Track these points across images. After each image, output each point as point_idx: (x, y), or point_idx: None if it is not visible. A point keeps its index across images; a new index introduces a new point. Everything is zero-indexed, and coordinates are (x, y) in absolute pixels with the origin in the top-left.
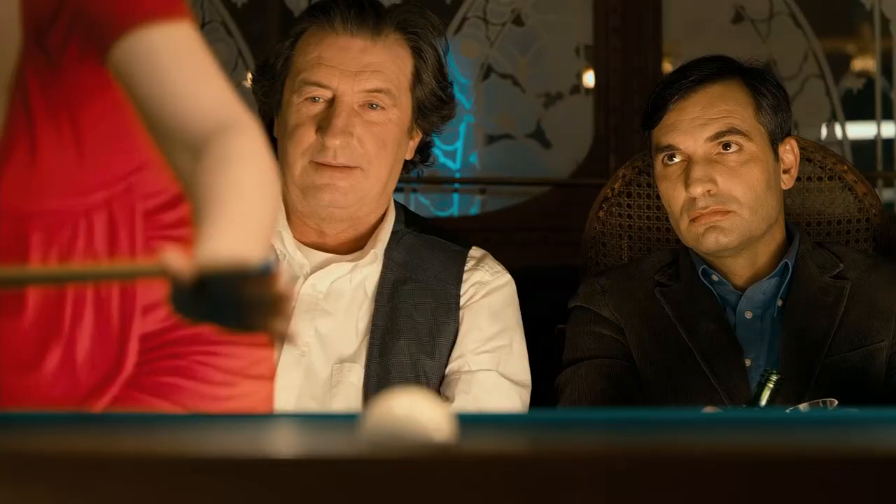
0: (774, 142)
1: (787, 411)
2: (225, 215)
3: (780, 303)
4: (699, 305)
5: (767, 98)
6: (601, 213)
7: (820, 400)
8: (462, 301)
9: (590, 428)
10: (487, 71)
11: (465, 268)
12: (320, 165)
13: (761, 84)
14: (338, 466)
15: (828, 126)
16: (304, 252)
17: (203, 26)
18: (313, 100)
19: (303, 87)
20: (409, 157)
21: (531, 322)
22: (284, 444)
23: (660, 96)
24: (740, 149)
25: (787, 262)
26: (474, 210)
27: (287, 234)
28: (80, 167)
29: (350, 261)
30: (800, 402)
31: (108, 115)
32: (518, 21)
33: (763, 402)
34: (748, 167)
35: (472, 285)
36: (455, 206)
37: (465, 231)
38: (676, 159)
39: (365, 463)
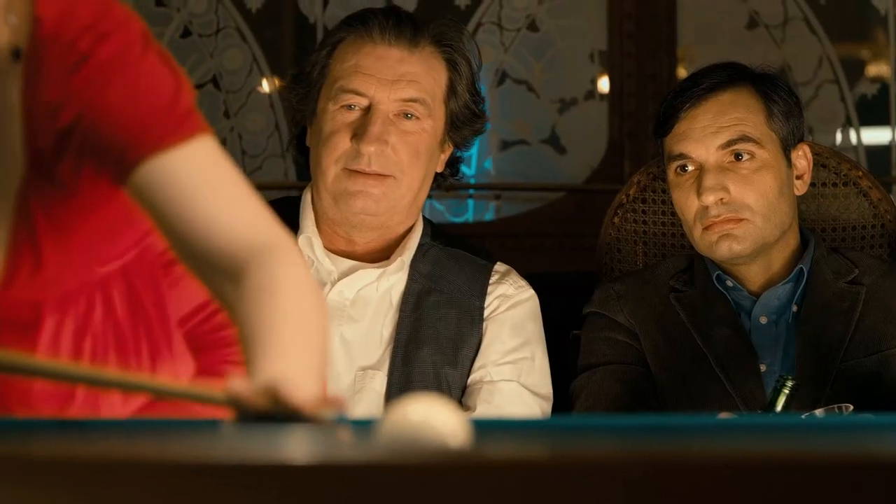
0: (787, 148)
1: (803, 417)
2: (278, 346)
3: (795, 308)
4: (714, 311)
5: (779, 104)
6: (616, 219)
7: (835, 406)
8: (486, 313)
9: (605, 434)
10: (502, 76)
11: (490, 281)
12: (354, 172)
13: (772, 90)
14: (354, 472)
15: (842, 132)
16: (331, 259)
17: (217, 32)
18: (349, 107)
19: (339, 94)
20: (439, 169)
21: (546, 328)
22: (300, 449)
23: (671, 105)
24: (752, 156)
25: (802, 268)
26: (489, 216)
27: (317, 241)
28: (88, 255)
29: (377, 268)
30: (815, 408)
31: (114, 209)
32: (533, 27)
33: (779, 407)
34: (760, 174)
35: (496, 298)
36: (470, 212)
37: (480, 237)
38: (689, 168)
39: (380, 468)
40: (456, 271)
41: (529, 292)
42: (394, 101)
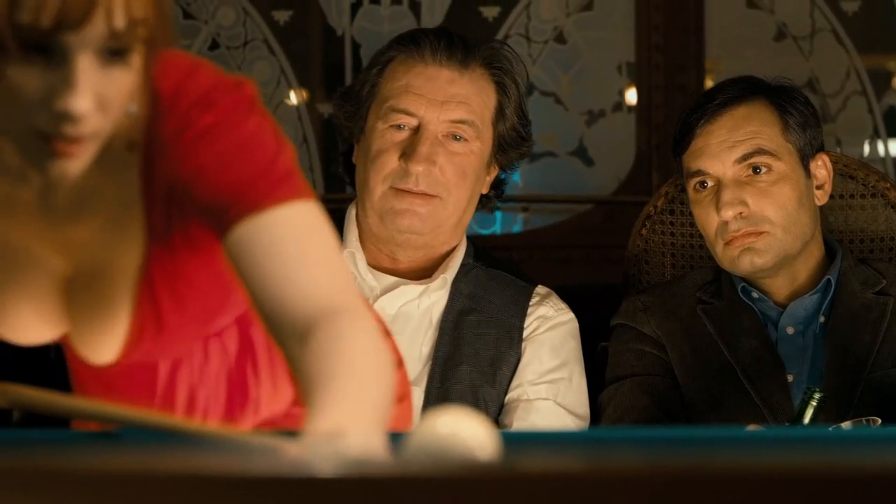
0: (805, 158)
1: (830, 429)
2: (335, 398)
3: (822, 319)
4: (741, 323)
5: (794, 116)
6: (644, 231)
7: (863, 418)
8: (525, 334)
9: (633, 446)
10: (530, 89)
11: (531, 303)
12: (401, 191)
13: (788, 102)
14: (383, 485)
15: (870, 143)
16: (374, 275)
17: (245, 44)
18: (398, 127)
19: (389, 113)
20: (484, 191)
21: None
22: (327, 461)
23: (686, 122)
24: (770, 169)
25: (829, 279)
26: (517, 228)
27: (360, 256)
28: (205, 313)
29: (419, 285)
30: (843, 420)
31: (220, 270)
32: (560, 39)
33: (806, 419)
34: (779, 187)
35: (536, 319)
36: (498, 223)
37: (508, 249)
38: (708, 184)
39: (409, 481)
40: (497, 292)
41: (569, 315)
42: (443, 122)
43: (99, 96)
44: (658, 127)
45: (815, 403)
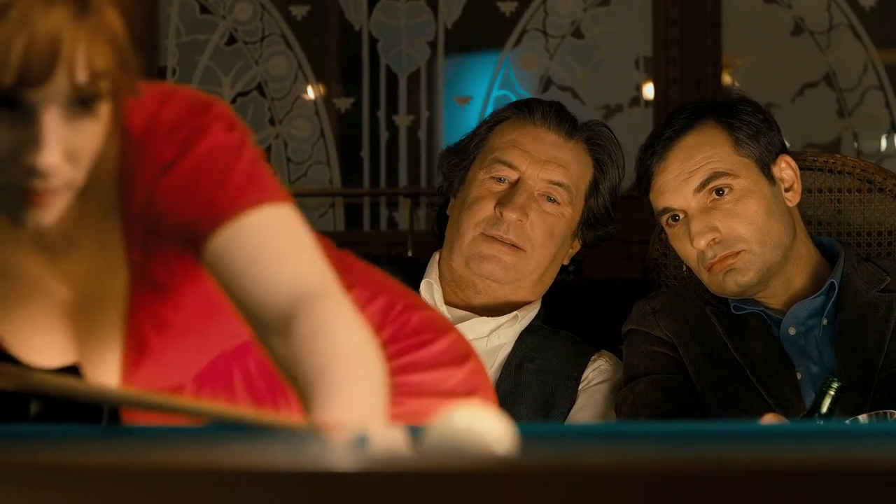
0: (765, 167)
1: (847, 422)
2: (333, 393)
3: (824, 322)
4: (746, 325)
5: (743, 129)
6: (663, 235)
7: (880, 411)
8: (581, 385)
9: (649, 440)
10: (547, 83)
11: (590, 358)
12: (490, 238)
13: (734, 117)
14: (400, 479)
15: (887, 138)
16: (447, 309)
17: (262, 39)
18: (499, 180)
19: (493, 164)
20: (565, 262)
21: (595, 334)
22: (345, 457)
23: (642, 163)
24: (730, 188)
25: (832, 282)
26: None
27: (437, 288)
28: (200, 338)
29: (491, 319)
30: (859, 413)
31: (212, 293)
32: (577, 33)
33: (824, 409)
34: (743, 203)
35: (593, 370)
36: None
37: None
38: (679, 217)
39: (426, 475)
40: (559, 348)
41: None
42: (542, 180)
43: (67, 149)
44: None
45: (832, 393)
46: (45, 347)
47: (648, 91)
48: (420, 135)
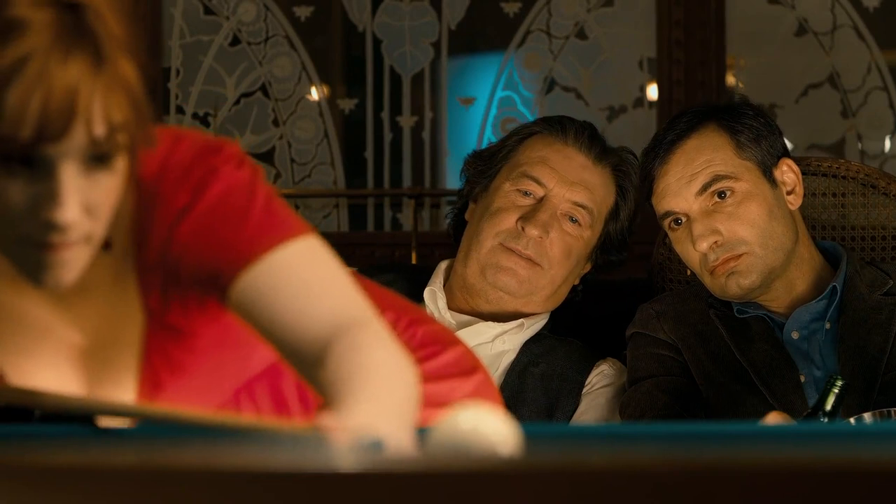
0: (767, 170)
1: (852, 421)
2: (358, 398)
3: (827, 325)
4: (751, 328)
5: (745, 132)
6: (668, 240)
7: (885, 409)
8: (585, 389)
9: (652, 440)
10: (551, 84)
11: (595, 363)
12: (508, 250)
13: (736, 120)
14: (403, 480)
15: (891, 138)
16: (452, 314)
17: (266, 40)
18: (525, 193)
19: (521, 178)
20: (575, 282)
21: (599, 332)
22: (348, 457)
23: (644, 168)
24: (732, 191)
25: (835, 286)
26: None
27: (441, 296)
28: (214, 377)
29: (496, 324)
30: (863, 411)
31: (227, 332)
32: (581, 34)
33: (828, 406)
34: (745, 206)
35: (597, 375)
36: None
37: None
38: (681, 221)
39: (430, 476)
40: (564, 354)
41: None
42: (567, 200)
43: (86, 203)
44: None
45: (836, 391)
46: (54, 388)
47: (652, 92)
48: (424, 135)
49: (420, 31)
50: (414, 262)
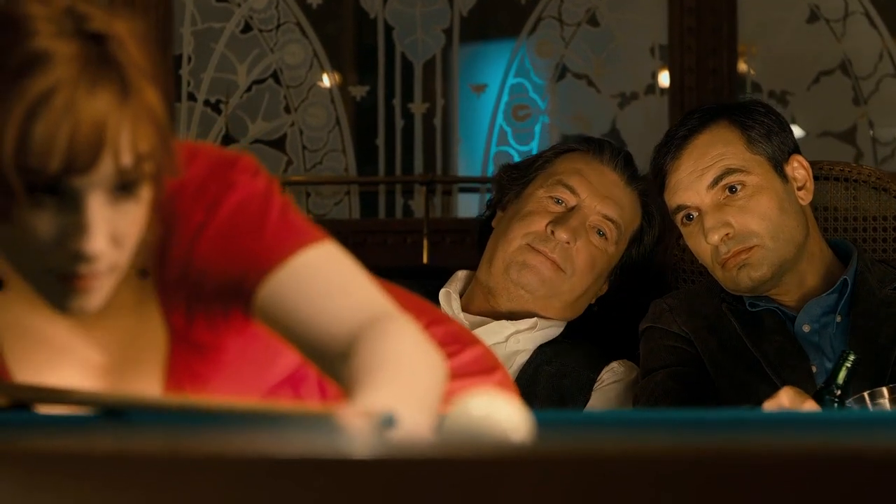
0: (778, 165)
1: (867, 394)
2: (380, 382)
3: (838, 318)
4: (763, 321)
5: (756, 128)
6: (682, 241)
7: None
8: (595, 385)
9: (665, 428)
10: (562, 71)
11: (607, 363)
12: (535, 251)
13: (747, 116)
14: (416, 466)
15: None
16: (465, 316)
17: (278, 27)
18: (557, 201)
19: (555, 186)
20: (592, 300)
21: (609, 339)
22: (361, 443)
23: (656, 162)
24: (743, 185)
25: (845, 279)
26: None
27: (455, 297)
28: (240, 387)
29: (510, 322)
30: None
31: (252, 341)
32: (593, 21)
33: (840, 380)
34: (756, 199)
35: (607, 371)
36: None
37: None
38: (693, 216)
39: (443, 463)
40: (577, 354)
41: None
42: (597, 212)
43: (112, 233)
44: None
45: (849, 365)
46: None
47: (664, 79)
48: (435, 122)
49: (432, 18)
50: (425, 248)
